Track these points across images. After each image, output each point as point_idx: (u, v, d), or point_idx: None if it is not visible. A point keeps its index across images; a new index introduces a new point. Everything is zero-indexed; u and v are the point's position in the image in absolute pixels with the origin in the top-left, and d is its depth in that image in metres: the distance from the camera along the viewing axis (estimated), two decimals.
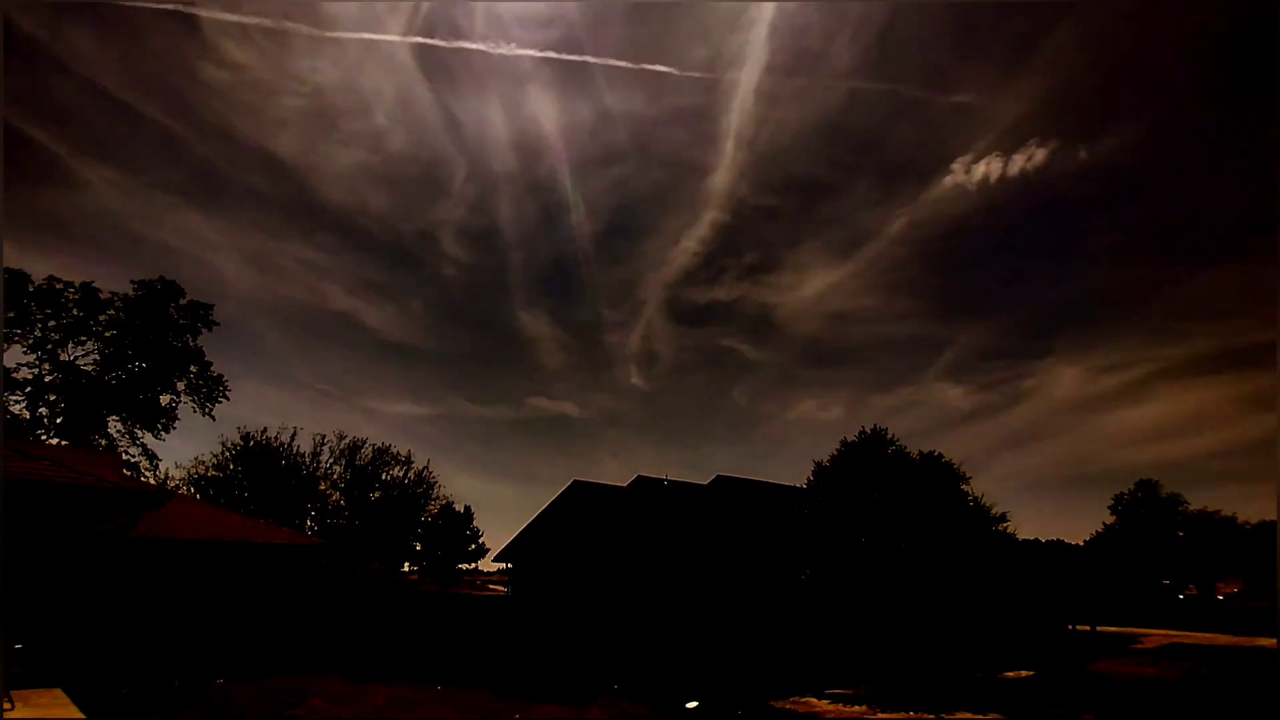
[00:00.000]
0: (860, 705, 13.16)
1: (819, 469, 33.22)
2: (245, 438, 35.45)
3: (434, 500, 43.39)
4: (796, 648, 20.96)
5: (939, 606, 25.43)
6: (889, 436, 33.35)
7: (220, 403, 34.78)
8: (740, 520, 28.01)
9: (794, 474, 35.46)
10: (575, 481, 26.30)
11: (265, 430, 36.09)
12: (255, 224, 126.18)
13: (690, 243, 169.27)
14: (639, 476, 31.84)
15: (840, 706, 12.97)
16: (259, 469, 34.46)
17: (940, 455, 35.74)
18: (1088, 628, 28.79)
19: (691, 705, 12.35)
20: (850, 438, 34.30)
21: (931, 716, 12.15)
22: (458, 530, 54.57)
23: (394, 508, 39.04)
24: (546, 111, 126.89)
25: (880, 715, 12.21)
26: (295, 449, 36.50)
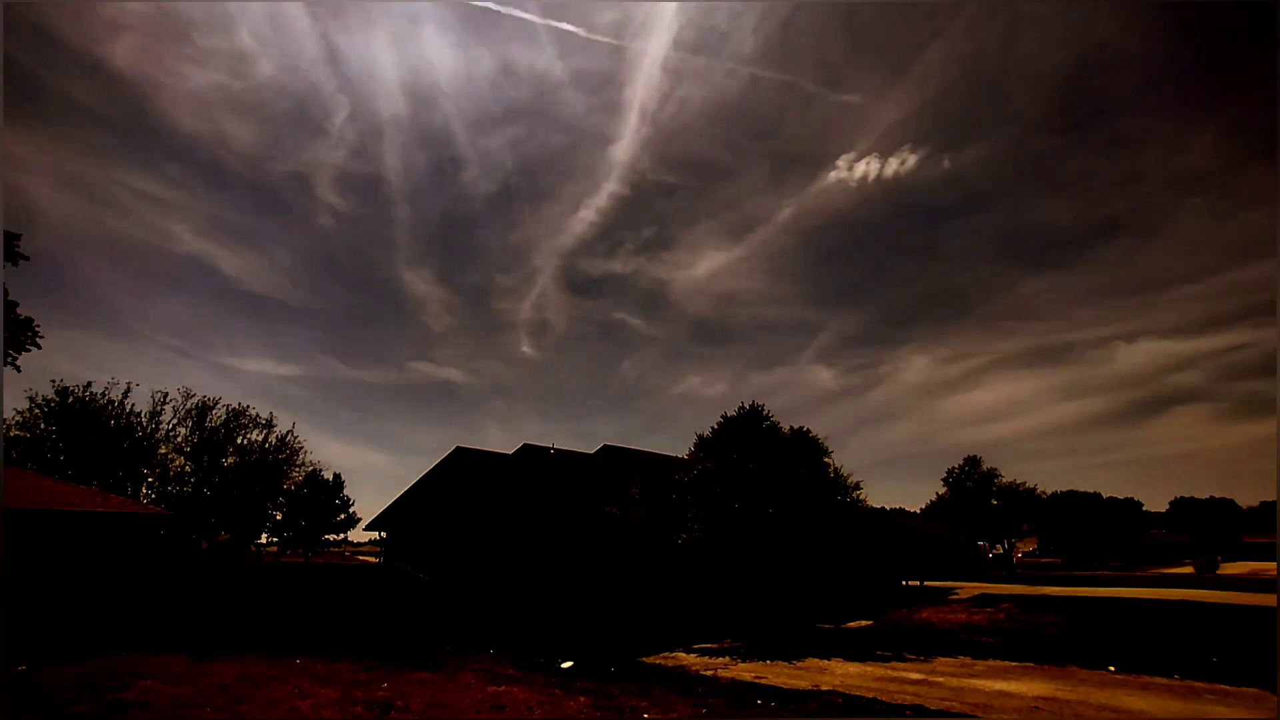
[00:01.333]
0: (724, 657, 14.19)
1: (700, 440, 34.85)
2: (62, 393, 30.61)
3: (298, 467, 40.25)
4: (672, 608, 22.11)
5: (800, 567, 27.91)
6: (765, 412, 35.67)
7: (28, 351, 29.64)
8: (624, 488, 28.75)
9: (678, 446, 37.03)
10: (458, 448, 25.51)
11: (89, 386, 31.37)
12: (80, 144, 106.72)
13: (589, 212, 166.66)
14: (525, 444, 31.54)
15: (706, 659, 13.91)
16: (79, 430, 29.96)
17: (808, 430, 38.63)
18: (918, 583, 33.04)
19: (567, 665, 12.66)
20: (730, 412, 36.32)
21: (785, 663, 13.40)
22: (325, 499, 51.16)
23: (251, 475, 35.68)
24: (443, 57, 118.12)
25: (740, 664, 13.26)
26: (128, 408, 32.11)
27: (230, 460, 35.11)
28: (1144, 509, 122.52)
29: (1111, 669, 12.75)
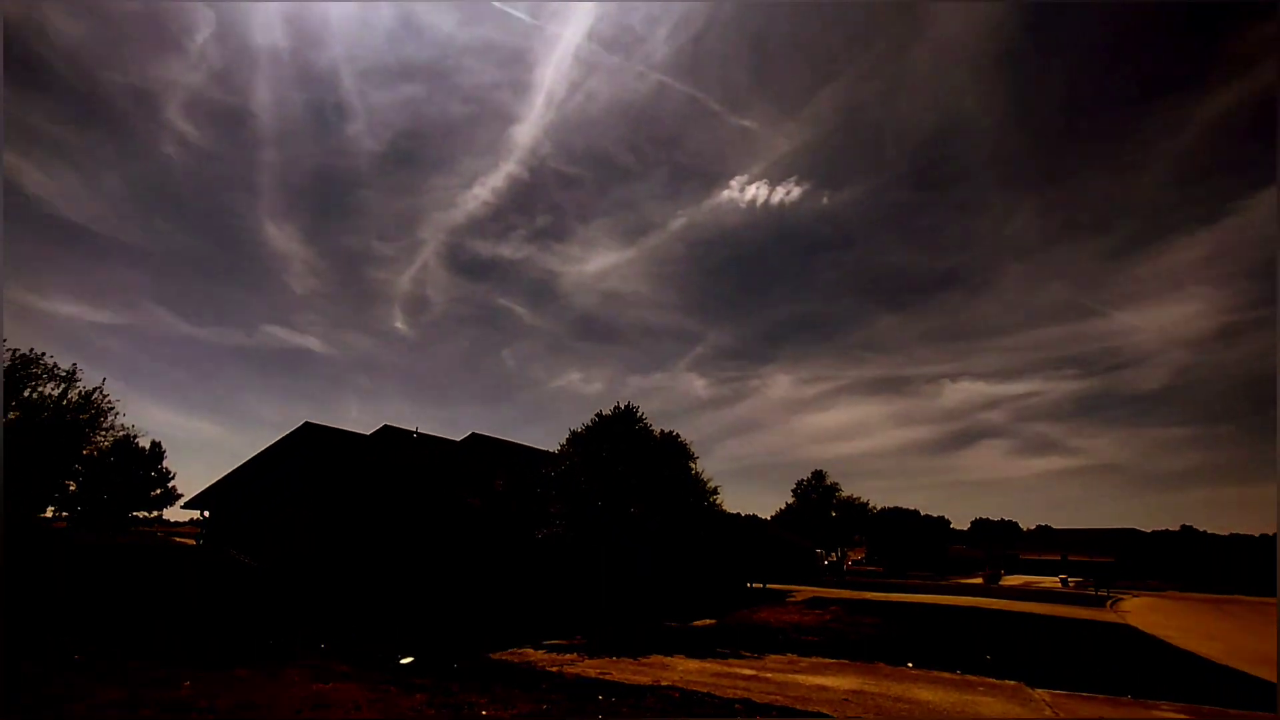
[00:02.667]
0: (572, 654, 14.27)
1: (573, 436, 34.92)
2: None
3: (105, 431, 34.63)
4: (529, 603, 21.84)
5: (657, 565, 28.82)
6: (639, 414, 36.55)
7: None
8: (490, 479, 27.97)
9: (551, 440, 36.71)
10: (306, 423, 23.31)
11: None
12: None
13: (483, 191, 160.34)
14: (385, 426, 29.65)
15: (554, 655, 13.91)
16: None
17: (678, 435, 40.09)
18: (761, 585, 35.50)
19: (406, 661, 12.04)
20: (606, 411, 36.83)
21: (630, 660, 13.76)
22: (139, 470, 44.52)
23: (38, 436, 30.05)
24: None
25: (587, 660, 13.41)
26: None
27: (12, 415, 29.38)
28: (951, 526, 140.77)
29: (910, 665, 14.53)
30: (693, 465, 38.09)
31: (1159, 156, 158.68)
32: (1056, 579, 64.38)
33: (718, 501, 30.28)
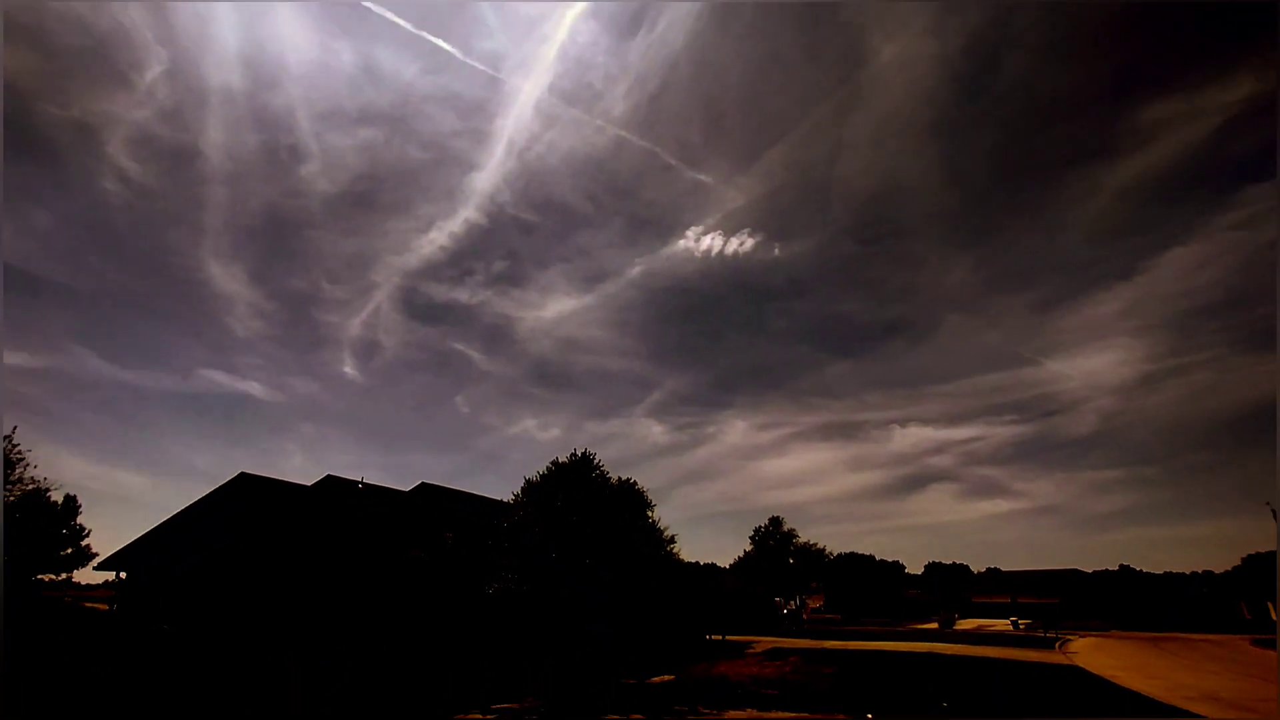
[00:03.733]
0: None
1: (528, 485, 34.05)
2: None
3: (12, 484, 31.79)
4: (478, 662, 20.66)
5: (614, 619, 27.88)
6: (596, 461, 36.04)
7: None
8: (440, 530, 26.82)
9: (504, 489, 35.61)
10: (242, 474, 21.96)
11: None
12: None
13: (440, 235, 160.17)
14: (328, 476, 28.30)
15: None
16: None
17: (634, 483, 39.70)
18: (720, 637, 34.73)
19: None
20: (562, 458, 36.15)
21: None
22: (48, 527, 40.73)
23: None
24: (296, 37, 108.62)
25: None
26: None
27: None
28: (905, 571, 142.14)
29: (870, 716, 14.30)
30: (650, 513, 37.59)
31: (1077, 218, 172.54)
32: (1008, 621, 65.39)
33: (674, 551, 29.82)
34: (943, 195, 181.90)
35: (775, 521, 77.66)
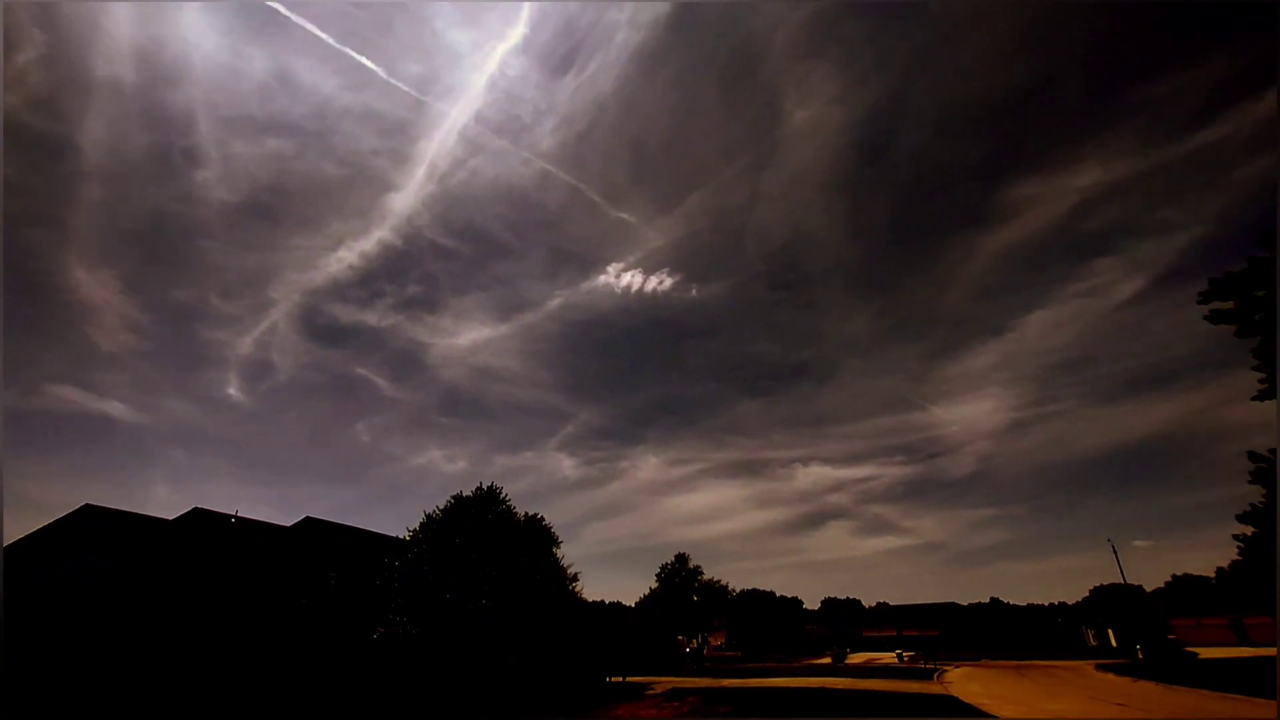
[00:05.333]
0: None
1: (427, 520, 32.32)
2: None
3: None
4: (361, 709, 18.96)
5: (513, 660, 26.67)
6: (502, 495, 34.88)
7: None
8: (324, 568, 24.78)
9: (400, 525, 33.47)
10: (86, 506, 19.30)
11: None
12: None
13: (350, 254, 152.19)
14: (196, 508, 25.56)
15: None
16: None
17: (541, 519, 38.81)
18: (621, 678, 34.05)
19: None
20: (467, 492, 34.68)
21: None
22: None
23: None
24: (201, 37, 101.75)
25: None
26: None
27: None
28: (804, 606, 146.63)
29: None
30: (556, 550, 36.79)
31: (959, 278, 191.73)
32: (894, 654, 68.84)
33: (577, 590, 29.29)
34: (847, 249, 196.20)
35: (681, 559, 78.20)
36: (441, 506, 33.32)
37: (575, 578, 29.64)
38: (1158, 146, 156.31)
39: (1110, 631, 76.04)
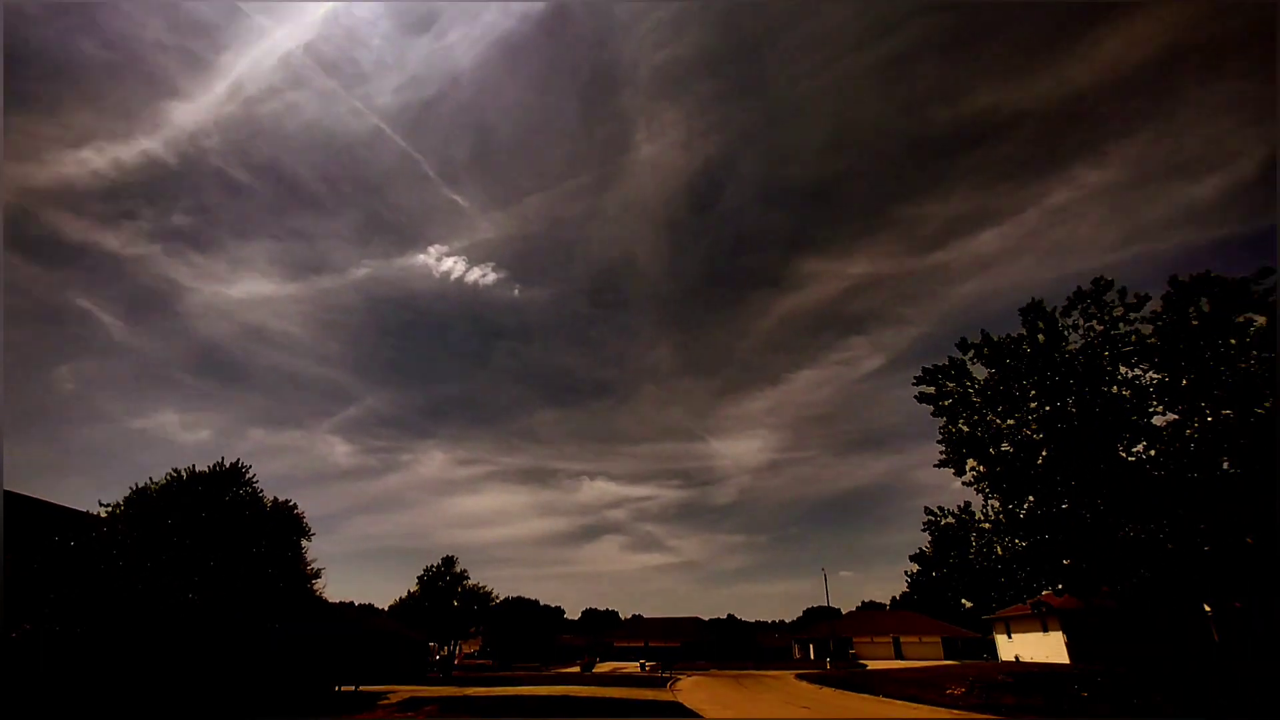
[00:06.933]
0: None
1: (136, 495, 26.65)
2: None
3: None
4: None
5: (230, 669, 22.83)
6: (247, 474, 30.18)
7: None
8: None
9: (103, 496, 26.62)
10: None
11: None
12: None
13: (99, 159, 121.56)
14: None
15: None
16: None
17: (294, 506, 34.48)
18: (353, 687, 31.20)
19: None
20: (201, 467, 29.37)
21: None
22: None
23: None
24: None
25: None
26: None
27: None
28: (565, 616, 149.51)
29: None
30: (305, 544, 33.03)
31: (753, 330, 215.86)
32: (638, 664, 73.50)
33: (318, 588, 26.49)
34: (665, 283, 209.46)
35: (448, 562, 75.03)
36: (159, 480, 27.83)
37: (317, 574, 26.65)
38: (909, 256, 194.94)
39: (811, 646, 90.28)
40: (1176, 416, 27.35)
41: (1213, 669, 28.48)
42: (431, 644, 69.40)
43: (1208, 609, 32.41)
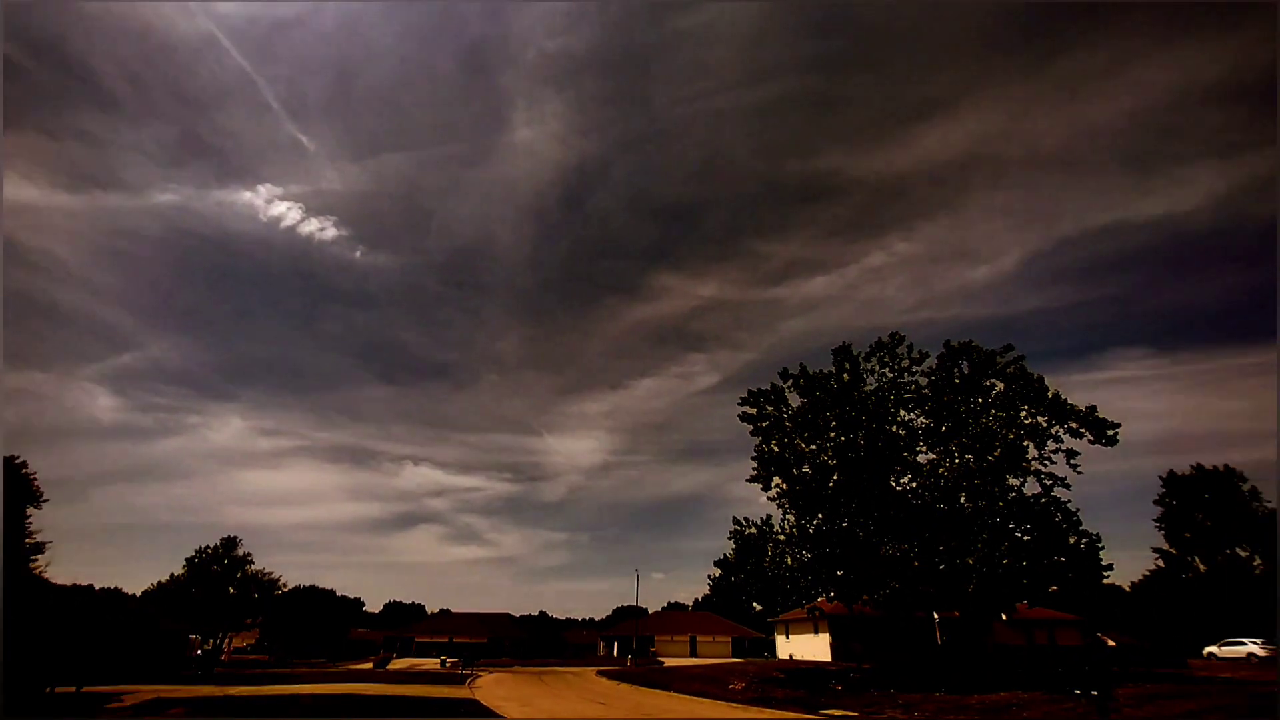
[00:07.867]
0: None
1: None
2: None
3: None
4: None
5: None
6: None
7: None
8: None
9: None
10: None
11: None
12: None
13: None
14: None
15: None
16: None
17: (23, 464, 28.17)
18: (73, 688, 25.90)
19: None
20: None
21: None
22: None
23: None
24: None
25: None
26: None
27: None
28: (365, 609, 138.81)
29: None
30: (31, 509, 27.48)
31: (602, 333, 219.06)
32: (438, 660, 70.43)
33: (37, 567, 21.98)
34: (522, 273, 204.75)
35: (229, 543, 66.07)
36: None
37: (39, 549, 21.78)
38: (752, 287, 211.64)
39: (616, 644, 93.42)
40: (935, 456, 32.90)
41: (935, 666, 34.52)
42: (193, 637, 60.04)
43: (936, 616, 39.27)
